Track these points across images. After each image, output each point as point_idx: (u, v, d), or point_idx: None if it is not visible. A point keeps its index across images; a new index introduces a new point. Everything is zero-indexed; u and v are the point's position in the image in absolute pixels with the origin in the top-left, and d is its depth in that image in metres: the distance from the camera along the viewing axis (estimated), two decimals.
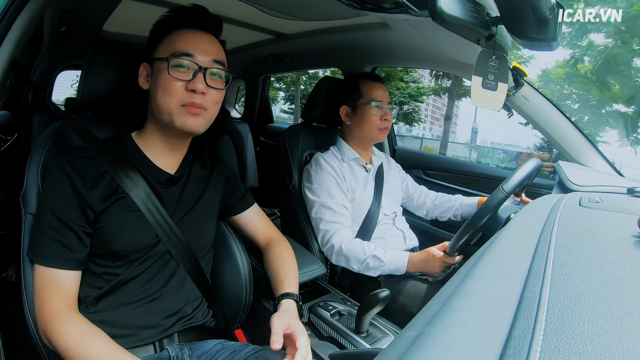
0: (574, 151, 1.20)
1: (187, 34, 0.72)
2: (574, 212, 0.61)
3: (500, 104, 0.91)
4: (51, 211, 0.65)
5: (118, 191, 0.70)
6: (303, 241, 1.25)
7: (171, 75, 0.68)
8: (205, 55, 0.70)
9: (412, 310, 1.09)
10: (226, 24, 0.80)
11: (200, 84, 0.68)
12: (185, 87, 0.68)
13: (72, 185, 0.66)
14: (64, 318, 0.61)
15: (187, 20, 0.73)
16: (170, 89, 0.68)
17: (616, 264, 0.37)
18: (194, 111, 0.69)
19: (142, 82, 0.75)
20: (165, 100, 0.69)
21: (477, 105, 0.90)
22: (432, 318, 0.28)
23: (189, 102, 0.68)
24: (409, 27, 1.18)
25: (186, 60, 0.68)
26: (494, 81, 0.90)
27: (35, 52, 1.96)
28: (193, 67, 0.69)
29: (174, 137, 0.75)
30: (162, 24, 0.74)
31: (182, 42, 0.70)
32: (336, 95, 1.35)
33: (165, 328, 0.73)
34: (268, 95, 2.71)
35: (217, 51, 0.73)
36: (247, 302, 0.88)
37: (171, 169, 0.78)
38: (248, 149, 2.02)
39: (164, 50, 0.70)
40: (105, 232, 0.68)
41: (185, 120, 0.69)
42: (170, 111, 0.69)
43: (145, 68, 0.74)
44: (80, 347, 0.59)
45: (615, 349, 0.22)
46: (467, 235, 1.00)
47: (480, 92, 0.89)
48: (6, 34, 0.65)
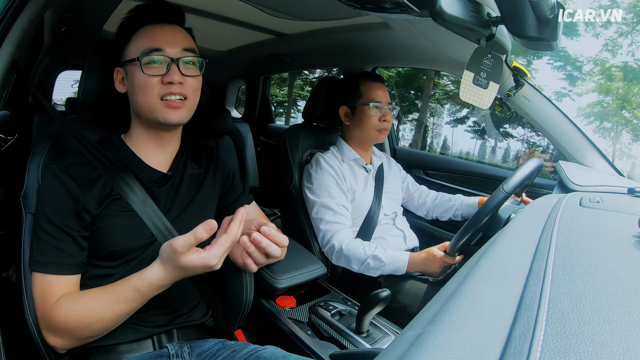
0: (575, 151, 1.20)
1: (153, 30, 0.71)
2: (574, 212, 0.61)
3: (488, 103, 0.90)
4: (48, 219, 0.66)
5: (113, 193, 0.70)
6: (303, 241, 1.25)
7: (146, 73, 0.68)
8: (174, 46, 0.70)
9: (412, 310, 1.09)
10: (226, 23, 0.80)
11: (176, 75, 0.69)
12: (161, 81, 0.69)
13: (67, 191, 0.67)
14: (57, 303, 0.63)
15: (149, 17, 0.73)
16: (147, 87, 0.69)
17: (617, 264, 0.37)
18: (175, 104, 0.70)
19: (119, 87, 0.75)
20: (145, 99, 0.70)
21: (464, 99, 0.89)
22: (432, 318, 0.28)
23: (167, 93, 0.69)
24: (410, 27, 1.18)
25: (157, 55, 0.69)
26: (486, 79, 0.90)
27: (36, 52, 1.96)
28: (165, 61, 0.69)
29: (161, 132, 0.76)
30: (125, 25, 0.74)
31: (149, 38, 0.70)
32: (336, 96, 1.35)
33: (161, 324, 0.73)
34: (268, 95, 2.72)
35: (185, 40, 0.73)
36: (247, 302, 0.88)
37: (163, 167, 0.78)
38: (248, 149, 2.02)
39: (134, 51, 0.71)
40: (102, 233, 0.69)
41: (166, 115, 0.70)
42: (151, 107, 0.70)
43: (119, 72, 0.75)
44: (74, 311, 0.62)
45: (616, 349, 0.22)
46: (468, 235, 1.00)
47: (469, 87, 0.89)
48: (6, 34, 0.65)
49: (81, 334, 0.64)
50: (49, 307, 0.63)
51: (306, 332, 0.90)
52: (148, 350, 0.72)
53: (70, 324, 0.62)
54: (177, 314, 0.76)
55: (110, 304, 0.62)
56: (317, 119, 1.42)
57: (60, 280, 0.65)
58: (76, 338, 0.64)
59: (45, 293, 0.64)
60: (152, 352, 0.71)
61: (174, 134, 0.79)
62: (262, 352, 0.71)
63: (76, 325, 0.62)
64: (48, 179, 0.69)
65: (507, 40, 0.96)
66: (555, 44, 0.80)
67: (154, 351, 0.72)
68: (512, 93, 1.19)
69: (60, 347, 0.66)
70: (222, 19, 1.48)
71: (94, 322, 0.63)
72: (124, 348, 0.70)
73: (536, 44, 0.81)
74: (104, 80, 0.80)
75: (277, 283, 0.95)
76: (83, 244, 0.68)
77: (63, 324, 0.62)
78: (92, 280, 0.70)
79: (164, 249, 0.61)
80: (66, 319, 0.62)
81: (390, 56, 1.54)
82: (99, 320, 0.63)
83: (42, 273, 0.65)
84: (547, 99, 1.23)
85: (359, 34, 1.40)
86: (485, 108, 0.93)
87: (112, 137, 0.78)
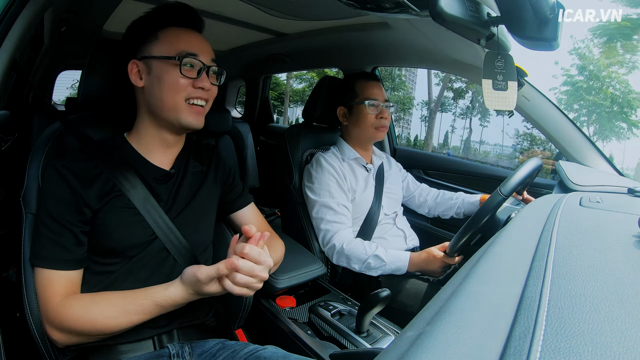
0: (575, 151, 1.20)
1: (187, 34, 0.74)
2: (574, 212, 0.61)
3: (513, 103, 0.90)
4: (49, 214, 0.66)
5: (114, 189, 0.71)
6: (304, 241, 1.25)
7: (183, 74, 0.71)
8: (207, 55, 0.74)
9: (412, 310, 1.09)
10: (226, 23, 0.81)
11: (207, 83, 0.74)
12: (191, 84, 0.72)
13: (69, 186, 0.67)
14: (68, 302, 0.64)
15: (177, 19, 0.74)
16: (179, 87, 0.71)
17: (616, 264, 0.37)
18: (198, 110, 0.74)
19: (135, 80, 0.74)
20: (172, 97, 0.71)
21: (491, 107, 0.89)
22: (432, 318, 0.28)
23: (196, 97, 0.73)
24: (410, 26, 1.18)
25: (195, 59, 0.72)
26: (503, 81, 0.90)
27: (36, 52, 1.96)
28: (198, 66, 0.72)
29: (172, 133, 0.77)
30: (148, 21, 0.75)
31: (185, 42, 0.72)
32: (334, 96, 1.35)
33: (163, 324, 0.73)
34: (268, 95, 2.71)
35: (212, 51, 0.77)
36: (248, 302, 0.88)
37: (166, 165, 0.78)
38: (248, 149, 2.02)
39: (167, 49, 0.71)
40: (103, 229, 0.69)
41: (189, 118, 0.73)
42: (177, 107, 0.72)
43: (136, 65, 0.74)
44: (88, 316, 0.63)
45: (616, 349, 0.22)
46: (467, 236, 1.00)
47: (492, 94, 0.89)
48: (6, 34, 0.65)
49: (91, 335, 0.65)
50: (55, 305, 0.64)
51: (306, 332, 0.90)
52: (148, 350, 0.72)
53: (82, 327, 0.63)
54: (179, 312, 0.75)
55: (130, 315, 0.64)
56: (317, 119, 1.42)
57: (61, 276, 0.65)
58: (84, 337, 0.66)
59: (47, 289, 0.65)
60: (152, 352, 0.71)
61: (183, 137, 0.81)
62: (262, 351, 0.71)
63: (88, 328, 0.64)
64: (50, 174, 0.69)
65: (508, 39, 0.96)
66: (555, 44, 0.80)
67: (155, 351, 0.72)
68: None
69: (63, 343, 0.66)
70: (222, 19, 1.48)
71: (107, 327, 0.64)
72: (124, 348, 0.70)
73: (536, 43, 0.80)
74: (105, 79, 0.80)
75: (277, 283, 0.95)
76: (83, 239, 0.68)
77: (74, 325, 0.63)
78: (93, 276, 0.70)
79: (187, 274, 0.64)
80: (78, 322, 0.63)
81: (390, 56, 1.54)
82: (114, 327, 0.64)
83: (43, 268, 0.65)
84: (547, 99, 1.23)
85: (359, 34, 1.40)
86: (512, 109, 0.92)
87: (115, 136, 0.78)
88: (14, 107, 2.04)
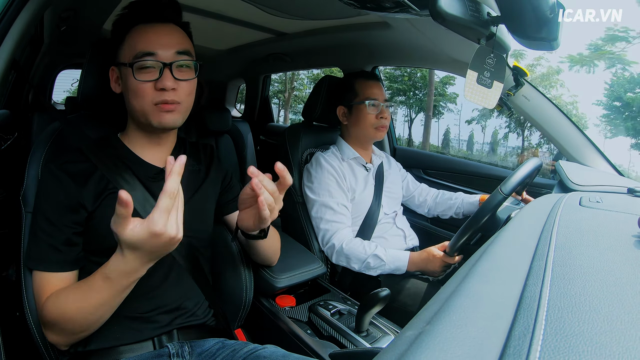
0: (575, 151, 1.20)
1: (146, 31, 0.69)
2: (574, 211, 0.61)
3: (493, 102, 0.90)
4: (44, 216, 0.66)
5: (109, 187, 0.70)
6: (303, 240, 1.25)
7: (137, 79, 0.67)
8: (167, 49, 0.68)
9: (412, 310, 1.09)
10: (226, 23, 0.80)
11: (169, 81, 0.67)
12: (154, 86, 0.68)
13: (64, 188, 0.67)
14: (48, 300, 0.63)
15: (142, 15, 0.70)
16: (140, 92, 0.68)
17: (616, 264, 0.37)
18: (168, 108, 0.69)
19: (114, 86, 0.74)
20: (138, 103, 0.69)
21: (469, 99, 0.89)
22: (432, 317, 0.28)
23: (161, 101, 0.68)
24: (410, 26, 1.18)
25: (149, 60, 0.67)
26: (490, 79, 0.90)
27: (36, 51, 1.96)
28: (158, 66, 0.68)
29: (156, 132, 0.76)
30: (119, 24, 0.73)
31: (142, 41, 0.68)
32: (334, 96, 1.35)
33: (164, 324, 0.73)
34: (268, 95, 2.71)
35: (178, 42, 0.71)
36: (247, 301, 0.88)
37: (160, 163, 0.78)
38: (248, 148, 2.02)
39: (127, 53, 0.69)
40: (98, 228, 0.69)
41: (160, 119, 0.70)
42: (145, 112, 0.70)
43: (114, 71, 0.74)
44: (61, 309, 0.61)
45: (615, 349, 0.22)
46: (467, 235, 1.01)
47: (473, 87, 0.89)
48: (6, 34, 0.65)
49: (69, 328, 0.63)
50: (41, 304, 0.64)
51: (306, 331, 0.90)
52: (148, 350, 0.72)
53: (56, 318, 0.62)
54: (180, 312, 0.75)
55: (85, 294, 0.61)
56: (317, 119, 1.42)
57: (55, 277, 0.65)
58: (69, 333, 0.64)
59: (40, 290, 0.65)
60: (152, 351, 0.71)
61: (170, 133, 0.79)
62: (262, 351, 0.71)
63: (61, 319, 0.62)
64: (45, 176, 0.69)
65: (508, 39, 0.96)
66: (555, 44, 0.80)
67: (155, 350, 0.72)
68: (512, 92, 1.19)
69: (59, 344, 0.66)
70: (222, 18, 1.48)
71: (75, 314, 0.61)
72: (124, 348, 0.70)
73: (536, 43, 0.80)
74: (102, 79, 0.80)
75: (276, 282, 0.95)
76: (77, 240, 0.68)
77: (50, 318, 0.63)
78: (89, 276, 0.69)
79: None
80: (52, 314, 0.62)
81: (390, 55, 1.54)
82: (78, 312, 0.61)
83: (38, 271, 0.65)
84: (547, 99, 1.23)
85: (359, 33, 1.40)
86: (491, 107, 0.93)
87: (110, 136, 0.78)
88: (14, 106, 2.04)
